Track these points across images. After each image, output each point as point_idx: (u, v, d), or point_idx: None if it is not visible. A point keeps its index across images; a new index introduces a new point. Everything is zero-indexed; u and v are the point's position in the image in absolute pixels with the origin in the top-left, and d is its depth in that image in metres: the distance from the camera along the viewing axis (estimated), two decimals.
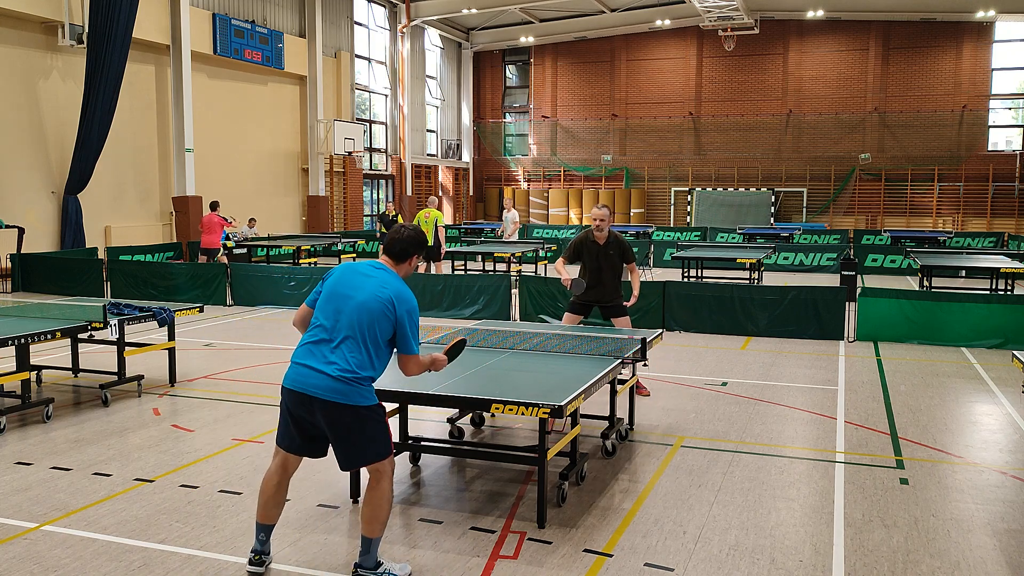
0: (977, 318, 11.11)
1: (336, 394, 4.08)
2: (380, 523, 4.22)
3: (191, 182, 21.00)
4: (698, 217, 33.10)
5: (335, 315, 4.20)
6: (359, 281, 4.25)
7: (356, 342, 4.14)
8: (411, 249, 4.40)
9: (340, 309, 4.19)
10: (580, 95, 35.60)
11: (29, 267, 16.52)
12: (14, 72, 17.61)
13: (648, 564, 4.56)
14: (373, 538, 4.24)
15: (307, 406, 4.14)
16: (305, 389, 4.12)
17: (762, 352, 10.74)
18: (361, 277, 4.27)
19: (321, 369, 4.11)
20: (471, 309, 13.30)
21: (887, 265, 21.39)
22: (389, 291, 4.20)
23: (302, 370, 4.16)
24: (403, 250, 4.39)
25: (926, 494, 5.66)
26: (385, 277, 4.28)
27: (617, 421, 6.56)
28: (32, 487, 5.67)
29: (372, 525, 4.21)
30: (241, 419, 7.40)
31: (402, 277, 4.38)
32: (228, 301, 14.83)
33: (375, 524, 4.21)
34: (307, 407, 4.15)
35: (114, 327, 7.86)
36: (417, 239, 4.44)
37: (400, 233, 4.41)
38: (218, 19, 22.15)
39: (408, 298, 4.25)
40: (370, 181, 30.90)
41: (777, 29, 32.37)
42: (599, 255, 8.11)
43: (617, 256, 8.15)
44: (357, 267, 4.34)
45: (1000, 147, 31.14)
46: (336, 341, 4.15)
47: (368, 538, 4.24)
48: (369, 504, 4.21)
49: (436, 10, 31.10)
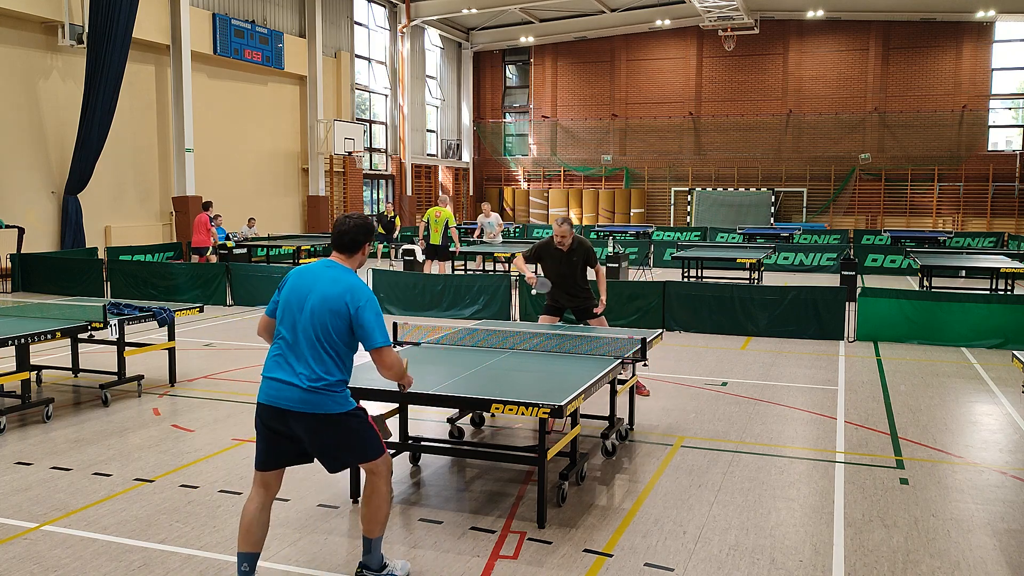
0: (977, 318, 11.11)
1: (309, 405, 3.99)
2: (379, 523, 4.21)
3: (191, 182, 21.00)
4: (698, 217, 33.10)
5: (292, 324, 4.09)
6: (310, 284, 4.12)
7: (317, 348, 4.03)
8: (361, 238, 4.23)
9: (296, 317, 4.08)
10: (580, 95, 35.60)
11: (29, 267, 16.52)
12: (14, 72, 17.61)
13: (648, 564, 4.56)
14: (373, 538, 4.23)
15: (282, 419, 4.06)
16: (278, 403, 4.03)
17: (762, 352, 10.74)
18: (311, 279, 4.13)
19: (290, 381, 4.01)
20: (471, 309, 13.30)
21: (887, 265, 21.39)
22: (340, 287, 4.06)
23: (273, 384, 4.06)
24: (353, 240, 4.21)
25: (926, 494, 5.66)
26: (335, 274, 4.13)
27: (617, 421, 6.56)
28: (32, 487, 5.67)
29: (371, 525, 4.21)
30: (241, 419, 7.40)
31: (355, 269, 4.25)
32: (228, 301, 14.83)
33: (374, 524, 4.21)
34: (282, 420, 4.06)
35: (114, 327, 7.86)
36: (365, 225, 4.26)
37: (346, 224, 4.21)
38: (218, 19, 22.15)
39: (361, 290, 4.07)
40: (370, 181, 30.90)
41: (777, 29, 32.38)
42: (562, 260, 8.15)
43: (581, 261, 8.17)
44: (308, 269, 4.21)
45: (1000, 147, 31.14)
46: (299, 350, 4.05)
47: (369, 538, 4.24)
48: (367, 504, 4.21)
49: (436, 10, 31.10)
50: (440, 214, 16.72)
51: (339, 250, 4.23)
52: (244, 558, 4.07)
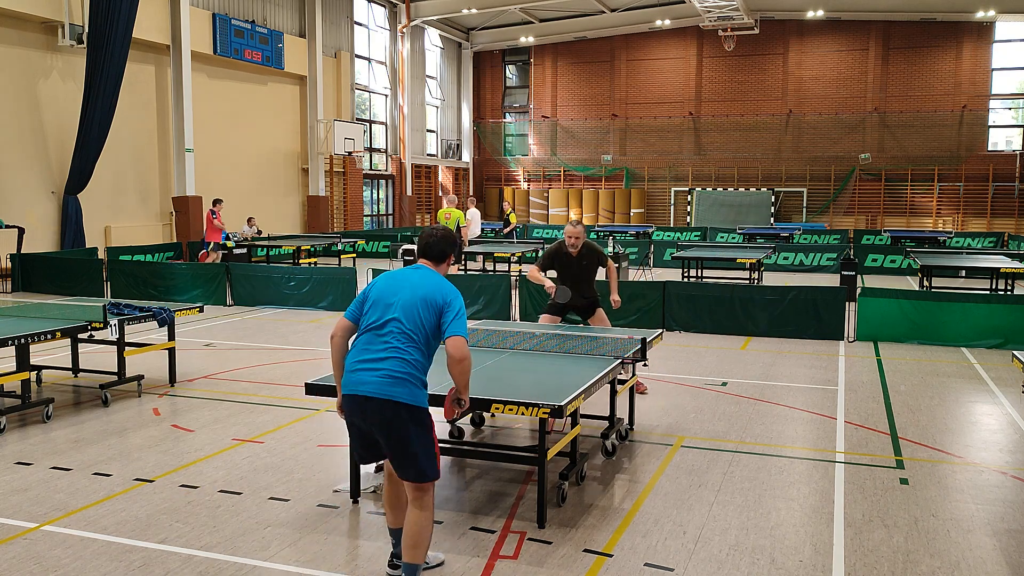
0: (977, 318, 11.11)
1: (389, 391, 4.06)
2: (425, 544, 4.14)
3: (191, 182, 21.00)
4: (698, 217, 33.10)
5: (382, 315, 4.19)
6: (402, 281, 4.28)
7: (407, 337, 4.13)
8: (448, 249, 4.46)
9: (387, 308, 4.19)
10: (580, 95, 35.60)
11: (29, 267, 16.52)
12: (14, 72, 17.61)
13: (648, 564, 4.56)
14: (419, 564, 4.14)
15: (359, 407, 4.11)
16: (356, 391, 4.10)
17: (762, 352, 10.74)
18: (403, 277, 4.31)
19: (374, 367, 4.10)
20: (471, 309, 13.29)
21: (887, 265, 21.38)
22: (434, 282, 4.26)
23: (355, 374, 4.13)
24: (441, 251, 4.44)
25: (926, 494, 5.66)
26: (427, 273, 4.34)
27: (617, 421, 6.56)
28: (32, 487, 5.67)
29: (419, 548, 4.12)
30: (241, 419, 7.40)
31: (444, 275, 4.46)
32: (228, 301, 14.83)
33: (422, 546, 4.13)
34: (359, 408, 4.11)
35: (114, 327, 7.86)
36: (451, 238, 4.50)
37: (435, 234, 4.44)
38: (218, 19, 22.14)
39: (453, 289, 4.29)
40: (370, 181, 30.90)
41: (777, 29, 32.37)
42: (574, 265, 8.22)
43: (593, 264, 8.28)
44: (399, 272, 4.39)
45: (1000, 147, 31.14)
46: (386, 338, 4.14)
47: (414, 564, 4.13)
48: (415, 523, 4.12)
49: (436, 10, 31.10)
50: (451, 215, 16.62)
51: (428, 258, 4.44)
52: (394, 533, 4.37)
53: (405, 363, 4.08)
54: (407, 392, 4.06)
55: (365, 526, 5.06)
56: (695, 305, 12.22)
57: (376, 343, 4.15)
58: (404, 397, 4.04)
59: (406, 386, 4.06)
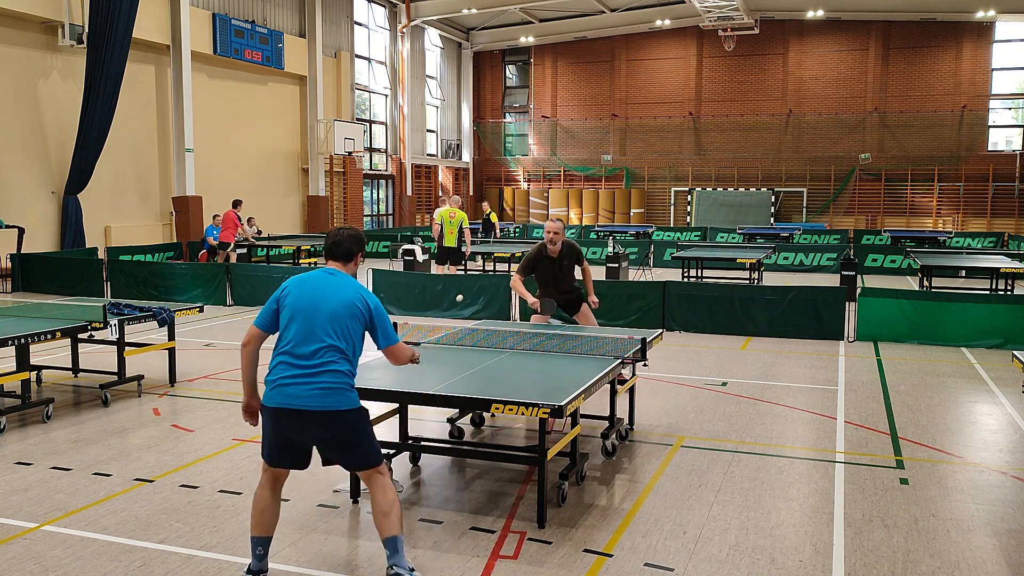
0: (977, 318, 11.11)
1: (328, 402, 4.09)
2: (399, 518, 4.20)
3: (191, 182, 21.00)
4: (698, 217, 33.10)
5: (306, 328, 4.17)
6: (319, 290, 4.24)
7: (336, 349, 4.15)
8: (355, 248, 4.43)
9: (311, 320, 4.17)
10: (580, 95, 35.60)
11: (29, 267, 16.51)
12: (14, 72, 17.61)
13: (648, 564, 4.56)
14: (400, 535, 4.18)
15: (294, 420, 4.12)
16: (291, 404, 4.10)
17: (762, 352, 10.74)
18: (320, 285, 4.26)
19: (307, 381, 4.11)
20: (471, 309, 13.30)
21: (887, 265, 21.38)
22: (351, 292, 4.24)
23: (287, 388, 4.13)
24: (348, 251, 4.41)
25: (926, 494, 5.66)
26: (342, 280, 4.30)
27: (617, 421, 6.56)
28: (32, 487, 5.67)
29: (394, 522, 4.17)
30: (241, 419, 7.38)
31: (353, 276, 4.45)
32: (228, 301, 14.83)
33: (396, 521, 4.18)
34: (294, 422, 4.12)
35: (114, 327, 7.86)
36: (358, 237, 4.48)
37: (341, 235, 4.43)
38: (218, 19, 22.14)
39: (370, 294, 4.32)
40: (370, 181, 30.90)
41: (777, 29, 32.37)
42: (554, 267, 8.32)
43: (571, 263, 8.37)
44: (309, 277, 4.33)
45: (1000, 147, 31.15)
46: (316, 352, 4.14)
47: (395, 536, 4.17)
48: (382, 503, 4.19)
49: (436, 10, 31.10)
50: (455, 215, 16.51)
51: (336, 259, 4.42)
52: (259, 542, 4.23)
53: (339, 374, 4.15)
54: (346, 399, 4.15)
55: (365, 526, 5.06)
56: (695, 305, 12.22)
57: (305, 356, 4.15)
58: (345, 405, 4.14)
59: (343, 395, 4.15)
